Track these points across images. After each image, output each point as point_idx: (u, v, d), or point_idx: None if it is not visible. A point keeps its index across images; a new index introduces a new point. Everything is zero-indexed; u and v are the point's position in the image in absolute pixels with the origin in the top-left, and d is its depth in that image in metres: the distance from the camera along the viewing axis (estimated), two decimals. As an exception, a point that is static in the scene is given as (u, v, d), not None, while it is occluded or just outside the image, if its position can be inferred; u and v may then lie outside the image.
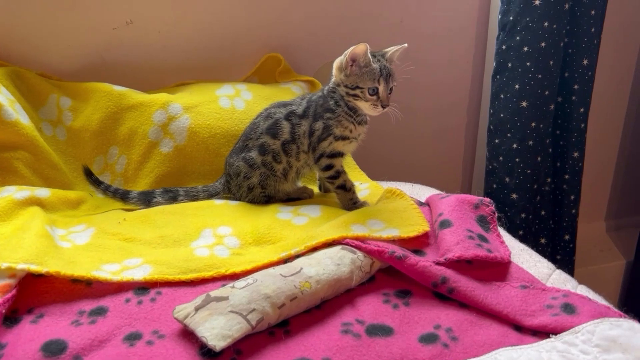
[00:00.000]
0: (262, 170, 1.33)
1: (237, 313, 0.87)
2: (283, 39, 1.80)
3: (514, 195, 1.89)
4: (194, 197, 1.38)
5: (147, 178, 1.46)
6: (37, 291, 1.00)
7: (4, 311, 0.92)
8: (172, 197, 1.37)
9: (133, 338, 0.89)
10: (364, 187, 1.46)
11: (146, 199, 1.37)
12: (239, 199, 1.37)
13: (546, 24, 1.75)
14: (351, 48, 1.21)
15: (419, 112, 2.01)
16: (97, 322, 0.93)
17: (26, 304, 0.97)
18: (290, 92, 1.64)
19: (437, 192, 1.44)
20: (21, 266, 0.97)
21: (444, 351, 0.87)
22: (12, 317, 0.94)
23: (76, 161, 1.48)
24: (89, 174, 1.42)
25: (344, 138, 1.28)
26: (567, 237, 2.01)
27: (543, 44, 1.77)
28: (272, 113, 1.35)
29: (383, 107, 1.23)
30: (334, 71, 1.28)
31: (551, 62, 1.80)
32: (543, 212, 1.96)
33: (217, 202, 1.34)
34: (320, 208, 1.29)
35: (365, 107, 1.24)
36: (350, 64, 1.22)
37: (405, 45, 1.27)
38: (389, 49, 1.27)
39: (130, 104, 1.50)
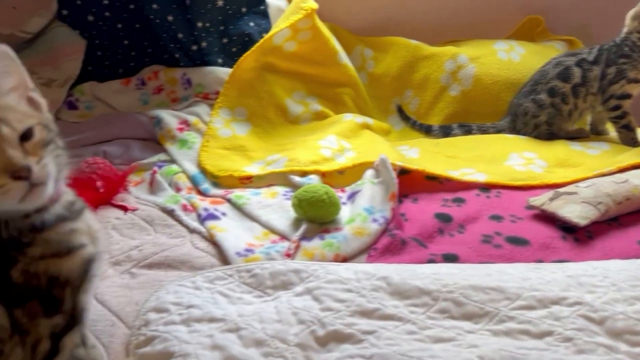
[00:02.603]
0: (550, 110, 1.57)
1: (588, 203, 1.13)
2: (541, 1, 2.00)
3: None
4: (484, 131, 1.65)
5: (437, 117, 1.76)
6: (403, 184, 1.32)
7: (395, 192, 1.25)
8: (467, 130, 1.66)
9: (496, 218, 1.19)
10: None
11: (445, 132, 1.67)
12: (524, 135, 1.61)
13: None
14: None
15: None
16: (461, 207, 1.24)
17: (400, 191, 1.30)
18: (554, 49, 1.84)
19: None
20: (399, 163, 1.30)
21: None
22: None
23: (375, 100, 1.82)
24: (400, 111, 1.75)
25: (636, 81, 1.47)
26: None
27: None
28: (562, 61, 1.58)
29: None
30: (627, 21, 1.48)
31: None
32: None
33: (509, 136, 1.60)
34: (607, 144, 1.50)
35: None
36: None
37: None
38: None
39: (424, 55, 1.80)
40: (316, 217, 1.13)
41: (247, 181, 1.36)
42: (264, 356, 0.81)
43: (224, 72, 1.62)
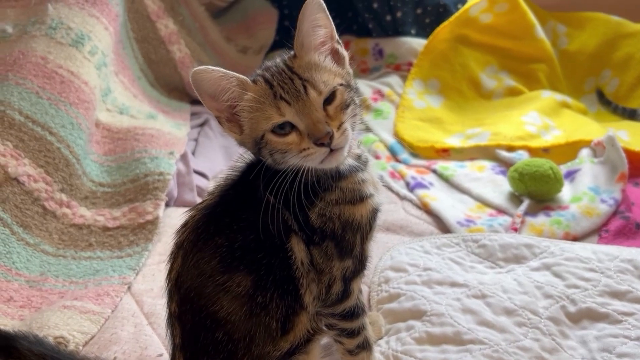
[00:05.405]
0: None
1: None
2: None
3: None
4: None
5: (639, 99, 1.62)
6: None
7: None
8: (681, 115, 1.51)
9: None
10: None
11: (652, 115, 1.53)
12: None
13: None
14: None
15: None
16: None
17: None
18: None
19: None
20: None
21: None
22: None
23: (567, 79, 1.71)
24: (601, 95, 1.63)
25: None
26: None
27: None
28: None
29: None
30: None
31: None
32: None
33: None
34: None
35: None
36: None
37: None
38: None
39: (627, 32, 1.66)
40: (538, 192, 1.09)
41: (444, 153, 1.35)
42: (517, 325, 0.79)
43: (418, 43, 1.61)
